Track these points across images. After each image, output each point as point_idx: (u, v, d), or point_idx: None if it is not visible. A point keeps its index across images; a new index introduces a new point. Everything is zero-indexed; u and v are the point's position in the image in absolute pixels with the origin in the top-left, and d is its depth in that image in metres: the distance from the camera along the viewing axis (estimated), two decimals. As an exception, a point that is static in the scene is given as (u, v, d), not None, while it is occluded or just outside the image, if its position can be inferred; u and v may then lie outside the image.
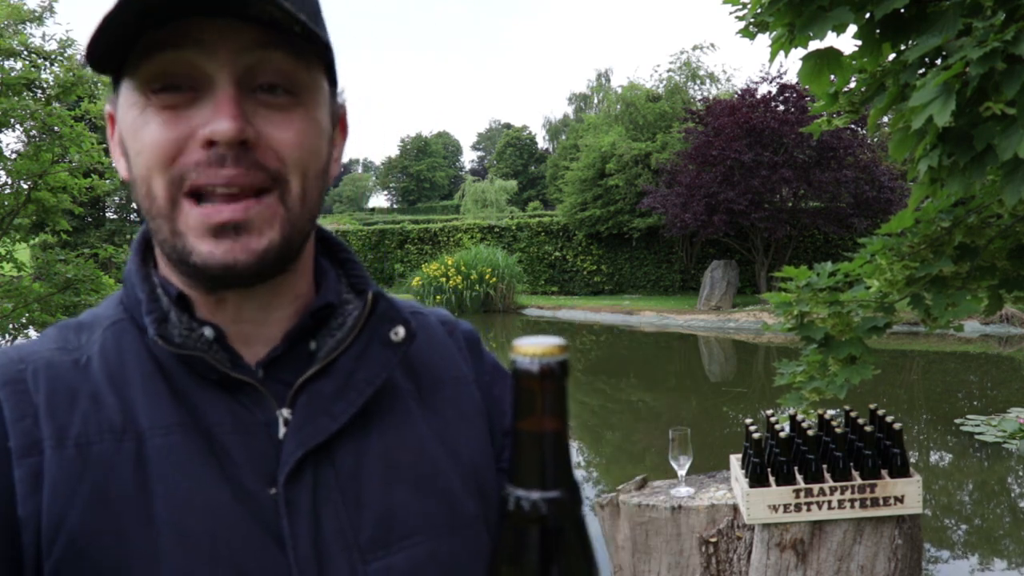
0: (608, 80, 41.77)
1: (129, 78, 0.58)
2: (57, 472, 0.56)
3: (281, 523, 0.58)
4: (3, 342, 6.51)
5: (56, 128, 5.55)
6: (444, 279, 19.12)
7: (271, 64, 0.58)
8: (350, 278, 0.71)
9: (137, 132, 0.58)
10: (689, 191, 16.68)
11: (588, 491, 5.68)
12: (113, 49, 0.56)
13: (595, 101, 44.35)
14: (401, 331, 0.67)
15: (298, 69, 0.59)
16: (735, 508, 2.53)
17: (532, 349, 0.39)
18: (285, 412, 0.62)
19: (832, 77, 2.08)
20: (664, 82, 22.22)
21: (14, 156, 5.89)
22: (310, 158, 0.61)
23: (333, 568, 0.59)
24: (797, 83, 15.67)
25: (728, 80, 23.12)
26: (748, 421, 2.51)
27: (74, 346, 0.64)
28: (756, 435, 2.39)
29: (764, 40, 2.18)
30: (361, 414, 0.63)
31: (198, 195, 0.57)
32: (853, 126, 15.65)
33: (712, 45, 31.13)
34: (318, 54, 0.61)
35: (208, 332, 0.62)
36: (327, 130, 0.64)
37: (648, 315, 16.86)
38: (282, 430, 0.61)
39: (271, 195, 0.58)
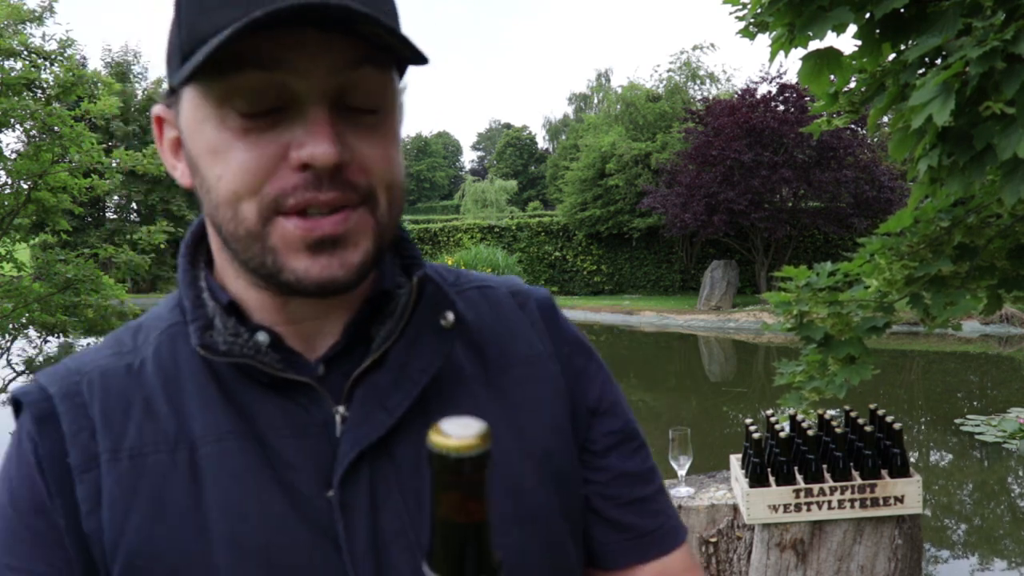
0: (608, 80, 41.78)
1: (203, 88, 0.55)
2: (114, 486, 0.56)
3: (336, 526, 0.56)
4: (3, 342, 6.51)
5: (56, 128, 5.55)
6: (444, 279, 19.11)
7: (362, 84, 0.55)
8: (403, 259, 0.68)
9: (218, 153, 0.55)
10: (689, 191, 16.68)
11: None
12: (204, 62, 0.53)
13: (595, 101, 44.35)
14: (450, 316, 0.64)
15: (384, 83, 0.57)
16: (735, 508, 2.53)
17: (447, 442, 0.37)
18: (341, 409, 0.60)
19: (832, 77, 2.08)
20: (664, 82, 22.22)
21: (14, 156, 5.89)
22: (395, 171, 0.59)
23: (392, 570, 0.57)
24: (797, 83, 15.66)
25: (728, 80, 23.13)
26: (748, 421, 2.51)
27: (128, 349, 0.63)
28: (756, 435, 2.39)
29: (764, 40, 2.17)
30: (419, 405, 0.60)
31: (294, 214, 0.55)
32: (853, 126, 15.65)
33: (712, 45, 31.14)
34: (397, 62, 0.59)
35: (262, 337, 0.60)
36: (401, 134, 0.62)
37: (648, 315, 16.86)
38: (339, 428, 0.59)
39: (363, 208, 0.57)
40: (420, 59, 0.55)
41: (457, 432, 0.38)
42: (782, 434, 2.39)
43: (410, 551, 0.57)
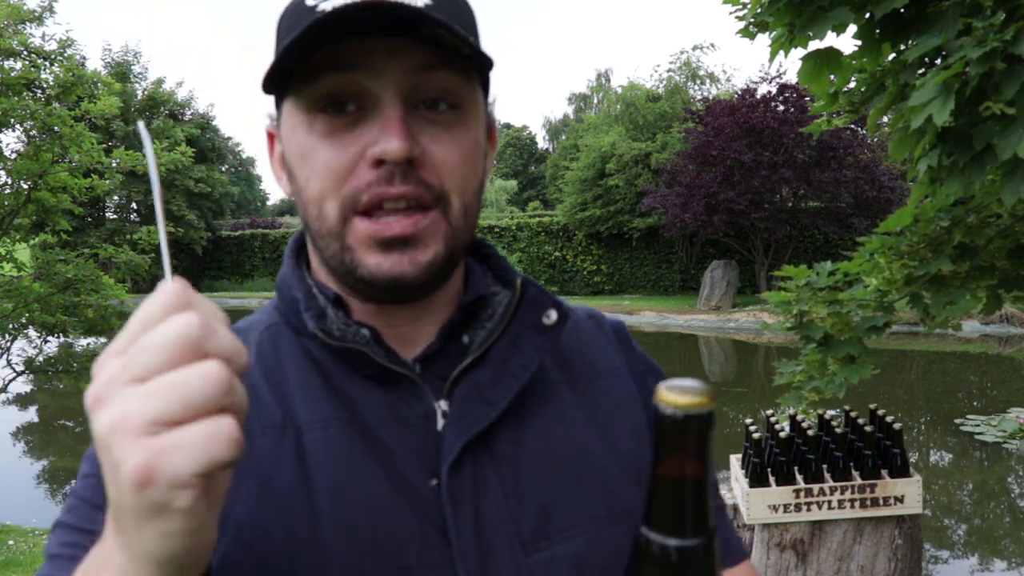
0: (608, 80, 41.77)
1: (294, 98, 0.59)
2: None
3: (445, 513, 0.58)
4: (3, 342, 6.51)
5: (56, 128, 5.55)
6: (444, 279, 19.13)
7: (438, 81, 0.58)
8: (495, 271, 0.72)
9: (306, 156, 0.59)
10: (689, 191, 16.68)
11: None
12: (285, 70, 0.57)
13: (595, 101, 44.34)
14: (553, 314, 0.67)
15: (460, 85, 0.60)
16: (735, 508, 2.53)
17: (678, 399, 0.38)
18: (443, 404, 0.62)
19: (832, 77, 2.08)
20: (664, 82, 22.22)
21: (14, 156, 5.89)
22: (470, 176, 0.61)
23: (494, 560, 0.58)
24: (797, 83, 15.67)
25: (728, 80, 23.14)
26: (748, 421, 2.51)
27: None
28: (756, 435, 2.39)
29: (764, 40, 2.18)
30: (517, 403, 0.63)
31: (368, 211, 0.58)
32: (853, 126, 15.66)
33: (712, 45, 31.16)
34: (478, 68, 0.61)
35: (365, 331, 0.62)
36: (483, 144, 0.65)
37: (648, 315, 16.86)
38: (440, 422, 0.61)
39: (435, 211, 0.59)
40: (482, 60, 0.58)
41: (688, 390, 0.39)
42: (782, 434, 2.39)
43: (510, 542, 0.59)
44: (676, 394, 0.39)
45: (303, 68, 0.57)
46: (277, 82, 0.59)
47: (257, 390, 0.61)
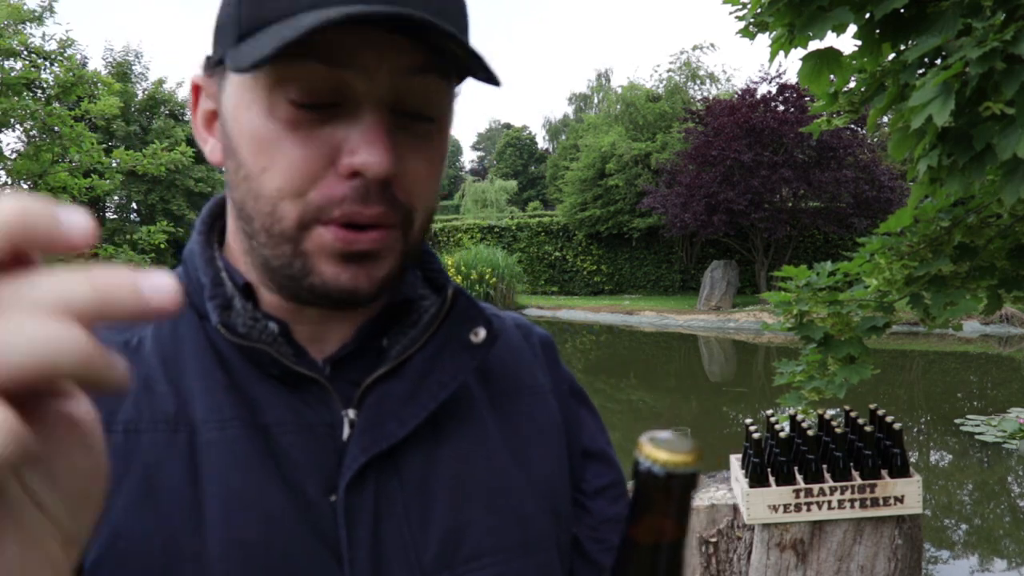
0: (608, 80, 41.77)
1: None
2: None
3: (339, 533, 0.54)
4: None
5: (56, 128, 5.56)
6: (444, 279, 19.12)
7: (421, 90, 0.53)
8: (427, 273, 0.66)
9: (263, 144, 0.52)
10: (689, 191, 16.69)
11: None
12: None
13: (595, 101, 44.34)
14: (482, 332, 0.62)
15: (443, 91, 0.55)
16: (735, 508, 2.54)
17: (662, 455, 0.35)
18: (351, 413, 0.57)
19: (832, 77, 2.08)
20: (664, 82, 22.24)
21: (14, 156, 5.89)
22: (435, 190, 0.57)
23: None
24: (797, 83, 15.66)
25: (728, 80, 23.17)
26: (748, 421, 2.51)
27: (127, 325, 0.59)
28: (756, 435, 2.39)
29: (764, 40, 2.18)
30: (431, 421, 0.58)
31: (335, 224, 0.53)
32: (853, 126, 15.66)
33: (712, 45, 31.20)
34: (459, 72, 0.56)
35: (273, 326, 0.57)
36: (446, 152, 0.60)
37: (648, 315, 16.87)
38: (346, 431, 0.57)
39: (398, 229, 0.55)
40: (491, 79, 0.52)
41: (673, 446, 0.36)
42: (782, 434, 2.39)
43: (410, 570, 0.55)
44: (660, 449, 0.35)
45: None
46: (237, 45, 0.51)
47: (152, 380, 0.56)
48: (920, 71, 1.92)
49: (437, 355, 0.60)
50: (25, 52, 5.86)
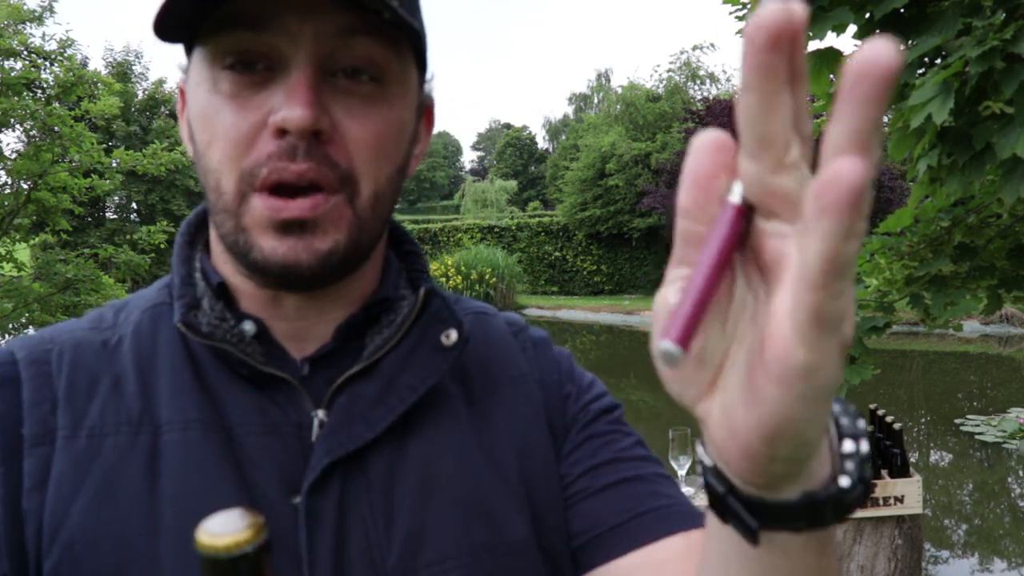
0: (608, 80, 41.81)
1: (201, 49, 0.53)
2: (67, 465, 0.52)
3: (299, 535, 0.53)
4: (3, 342, 6.51)
5: (56, 128, 5.55)
6: (444, 279, 19.14)
7: (360, 51, 0.52)
8: (410, 272, 0.65)
9: (208, 118, 0.53)
10: (689, 191, 16.71)
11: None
12: (187, 19, 0.51)
13: (595, 101, 44.37)
14: (453, 335, 0.60)
15: (387, 56, 0.54)
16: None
17: (216, 542, 0.34)
18: (320, 413, 0.56)
19: (832, 77, 2.08)
20: (664, 82, 22.25)
21: (14, 156, 5.89)
22: (384, 159, 0.55)
23: None
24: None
25: (728, 80, 23.16)
26: (748, 421, 2.51)
27: (108, 325, 0.60)
28: (756, 435, 2.39)
29: (764, 40, 2.17)
30: (402, 421, 0.58)
31: (266, 189, 0.52)
32: (853, 126, 15.66)
33: (712, 45, 31.13)
34: (410, 40, 0.55)
35: (248, 326, 0.57)
36: (409, 125, 0.58)
37: (648, 315, 16.81)
38: (315, 432, 0.56)
39: (339, 195, 0.53)
40: (406, 28, 0.52)
41: (224, 529, 0.34)
42: (782, 434, 2.39)
43: (373, 571, 0.54)
44: (212, 537, 0.34)
45: (205, 17, 0.51)
46: (176, 29, 0.52)
47: (122, 380, 0.56)
48: (920, 71, 1.92)
49: (409, 356, 0.59)
50: (25, 52, 5.86)
